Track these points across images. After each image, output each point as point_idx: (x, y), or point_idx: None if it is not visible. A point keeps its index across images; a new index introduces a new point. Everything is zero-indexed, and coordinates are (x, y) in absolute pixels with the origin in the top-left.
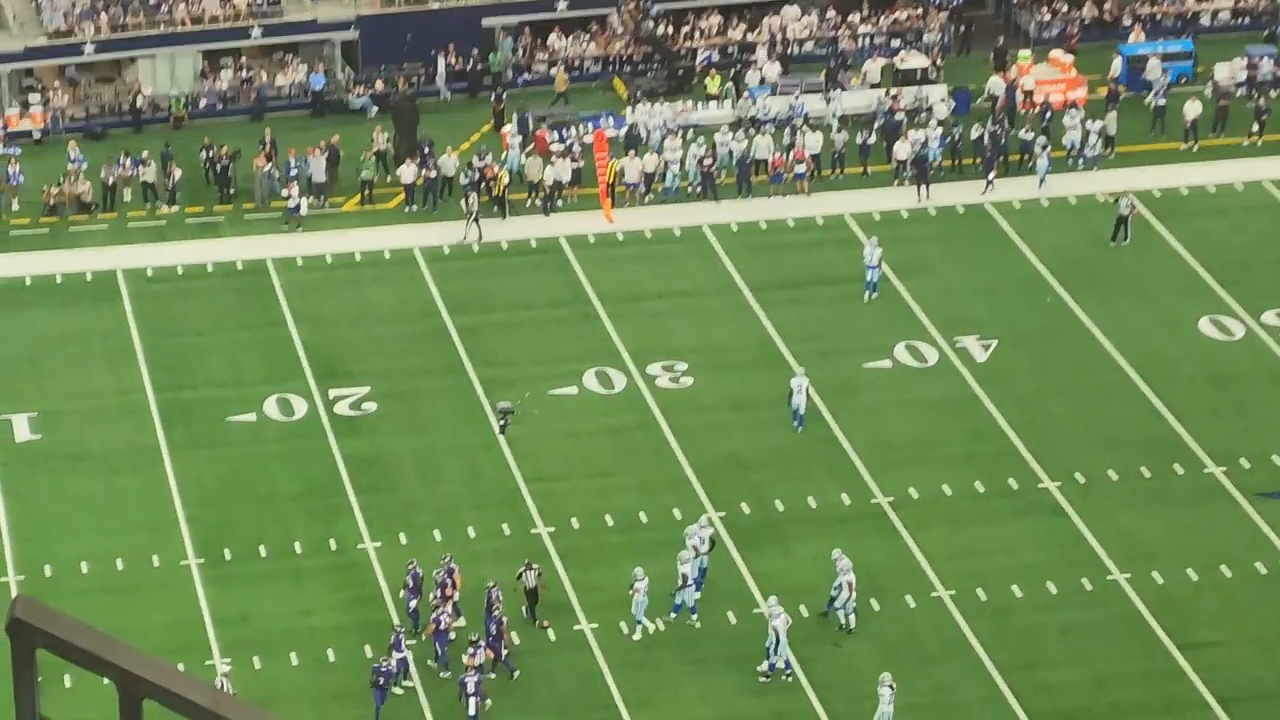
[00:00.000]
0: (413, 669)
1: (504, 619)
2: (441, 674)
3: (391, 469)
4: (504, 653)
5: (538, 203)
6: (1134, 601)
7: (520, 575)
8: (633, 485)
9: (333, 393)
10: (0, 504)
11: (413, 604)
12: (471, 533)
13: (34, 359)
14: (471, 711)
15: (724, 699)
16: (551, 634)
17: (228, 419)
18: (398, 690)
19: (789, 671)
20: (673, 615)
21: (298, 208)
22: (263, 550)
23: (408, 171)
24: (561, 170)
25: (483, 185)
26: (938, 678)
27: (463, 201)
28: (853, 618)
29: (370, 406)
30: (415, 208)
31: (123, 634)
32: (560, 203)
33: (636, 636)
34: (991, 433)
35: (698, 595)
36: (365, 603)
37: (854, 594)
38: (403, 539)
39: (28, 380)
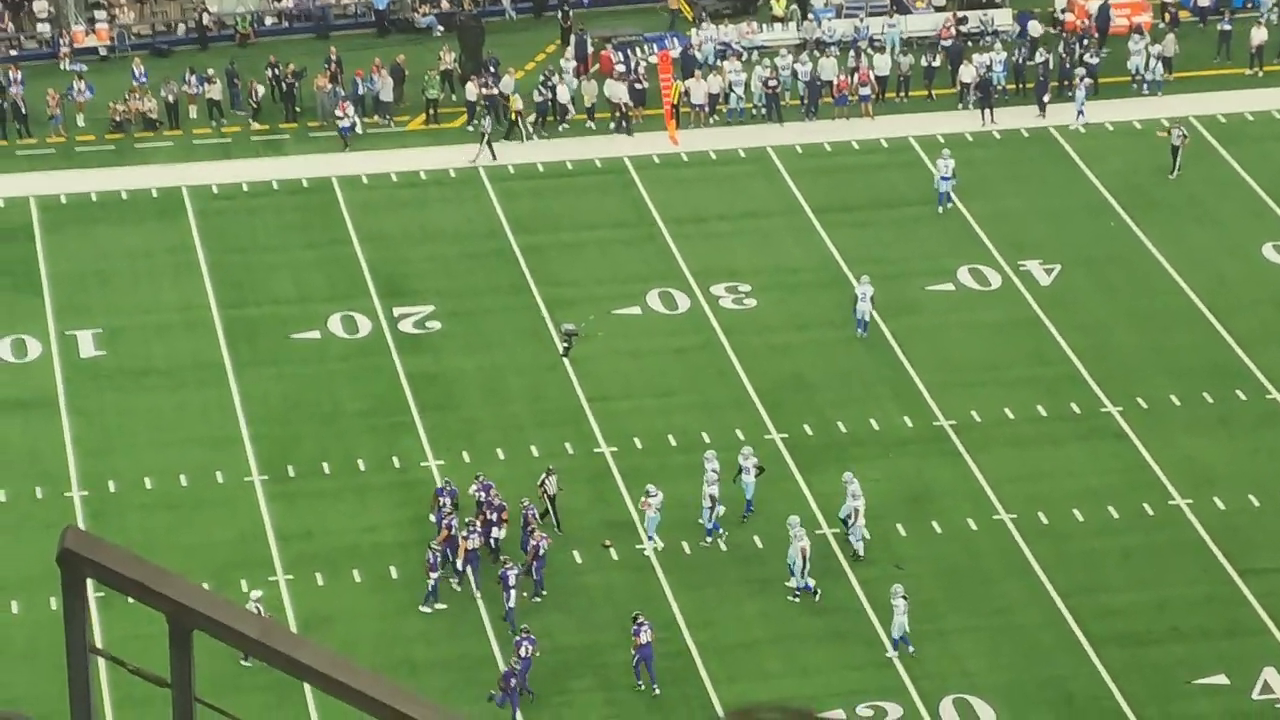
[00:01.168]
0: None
1: (543, 540)
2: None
3: (455, 387)
4: (540, 572)
5: (591, 125)
6: (1195, 527)
7: (541, 482)
8: (695, 405)
9: (397, 311)
10: (65, 420)
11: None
12: (534, 451)
13: (99, 275)
14: (511, 604)
15: (784, 619)
16: (614, 553)
17: (292, 336)
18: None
19: (818, 593)
20: (708, 538)
21: (351, 127)
22: (326, 467)
23: (471, 90)
24: (623, 90)
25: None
26: (998, 600)
27: (476, 122)
28: (860, 545)
29: (434, 325)
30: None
31: (186, 550)
32: (625, 123)
33: (649, 550)
34: (1054, 357)
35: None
36: (428, 520)
37: (862, 519)
38: (466, 457)
39: (93, 296)
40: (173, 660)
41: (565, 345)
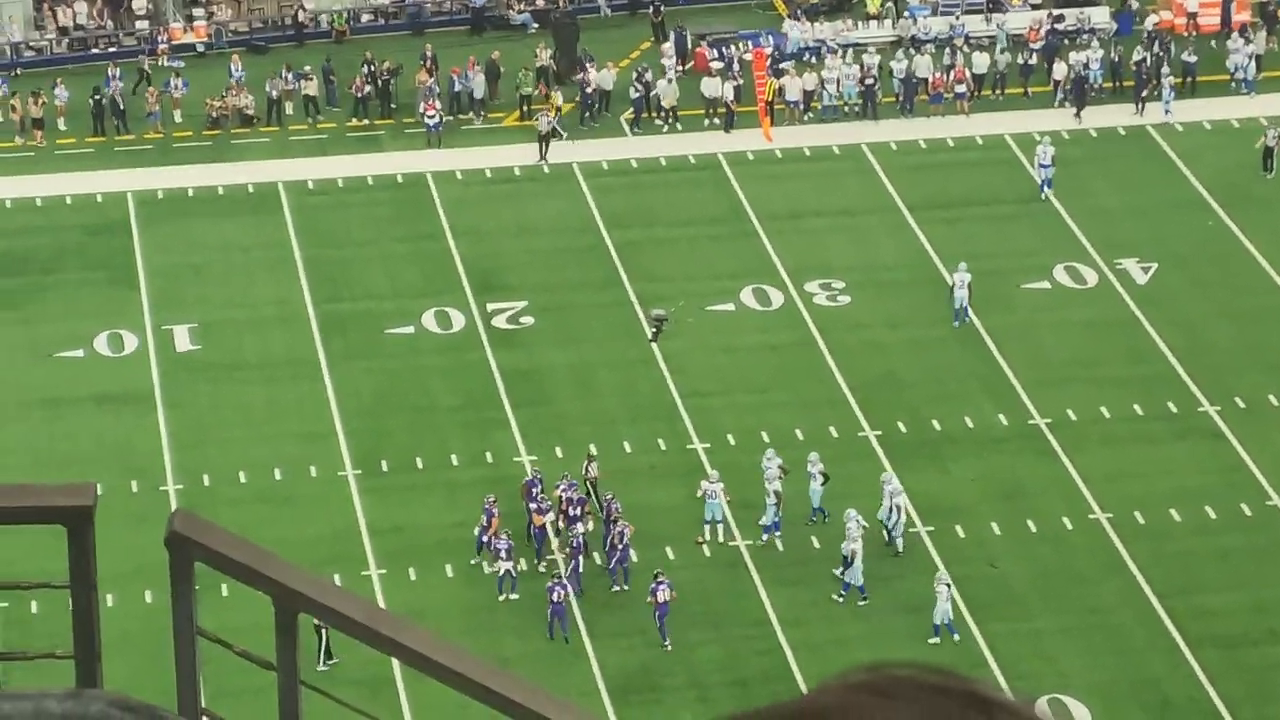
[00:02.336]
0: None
1: (626, 529)
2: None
3: (547, 382)
4: (622, 564)
5: (677, 125)
6: None
7: (585, 467)
8: (789, 402)
9: (490, 306)
10: (160, 413)
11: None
12: (627, 447)
13: (195, 270)
14: (580, 569)
15: (877, 617)
16: (706, 550)
17: (385, 331)
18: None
19: (864, 595)
20: (765, 535)
21: (439, 124)
22: (419, 462)
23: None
24: (728, 88)
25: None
26: (1093, 600)
27: (538, 119)
28: (900, 540)
29: (527, 320)
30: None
31: (279, 544)
32: (717, 120)
33: (705, 539)
34: (1151, 355)
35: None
36: (521, 515)
37: (903, 516)
38: (558, 452)
39: (189, 291)
40: (278, 644)
41: (654, 331)
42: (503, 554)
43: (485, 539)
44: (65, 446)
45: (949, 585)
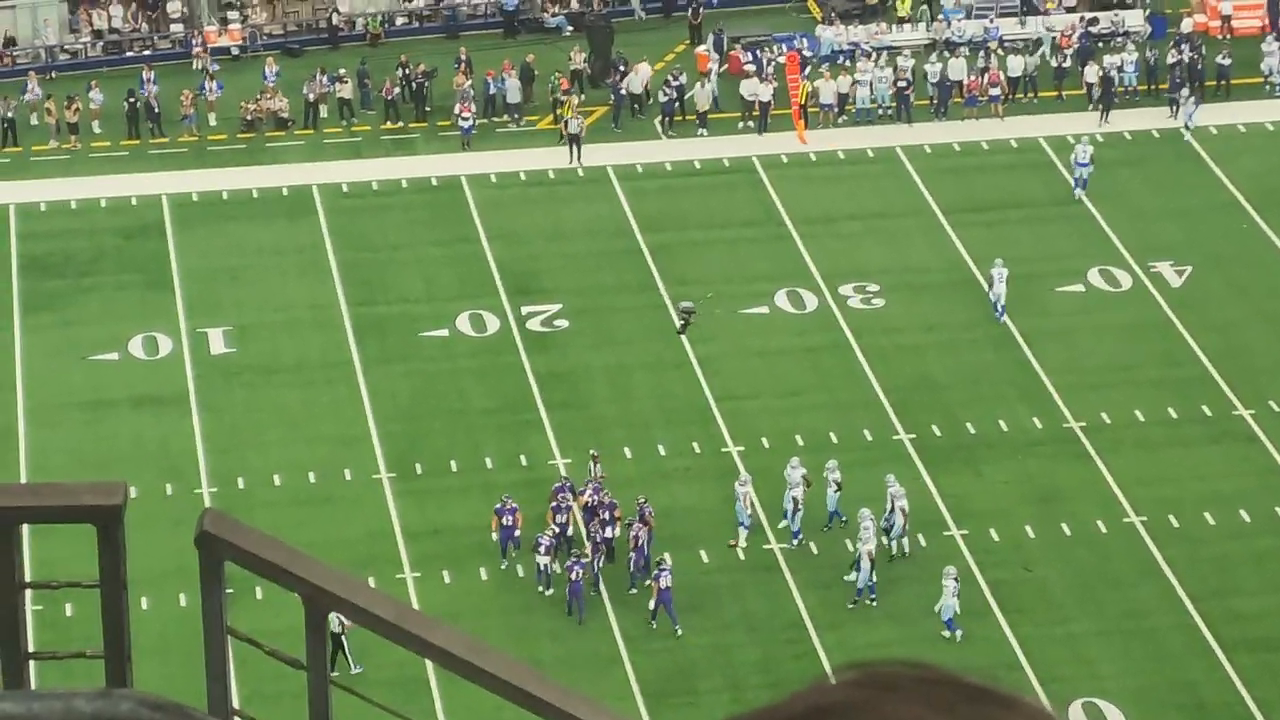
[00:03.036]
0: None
1: (641, 531)
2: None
3: (582, 385)
4: (642, 567)
5: (702, 130)
6: None
7: (590, 469)
8: (824, 405)
9: (525, 309)
10: (195, 416)
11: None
12: (661, 450)
13: (229, 273)
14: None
15: (912, 619)
16: (741, 553)
17: (420, 334)
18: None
19: (873, 597)
20: (794, 540)
21: (471, 127)
22: (454, 465)
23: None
24: (765, 89)
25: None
26: (1129, 603)
27: (567, 123)
28: (902, 542)
29: (562, 323)
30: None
31: (313, 546)
32: (752, 123)
33: (742, 544)
34: (1185, 358)
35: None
36: (551, 517)
37: (908, 520)
38: (593, 455)
39: (223, 294)
40: (308, 643)
41: (682, 323)
42: (542, 549)
43: (510, 536)
44: (102, 448)
45: (956, 580)
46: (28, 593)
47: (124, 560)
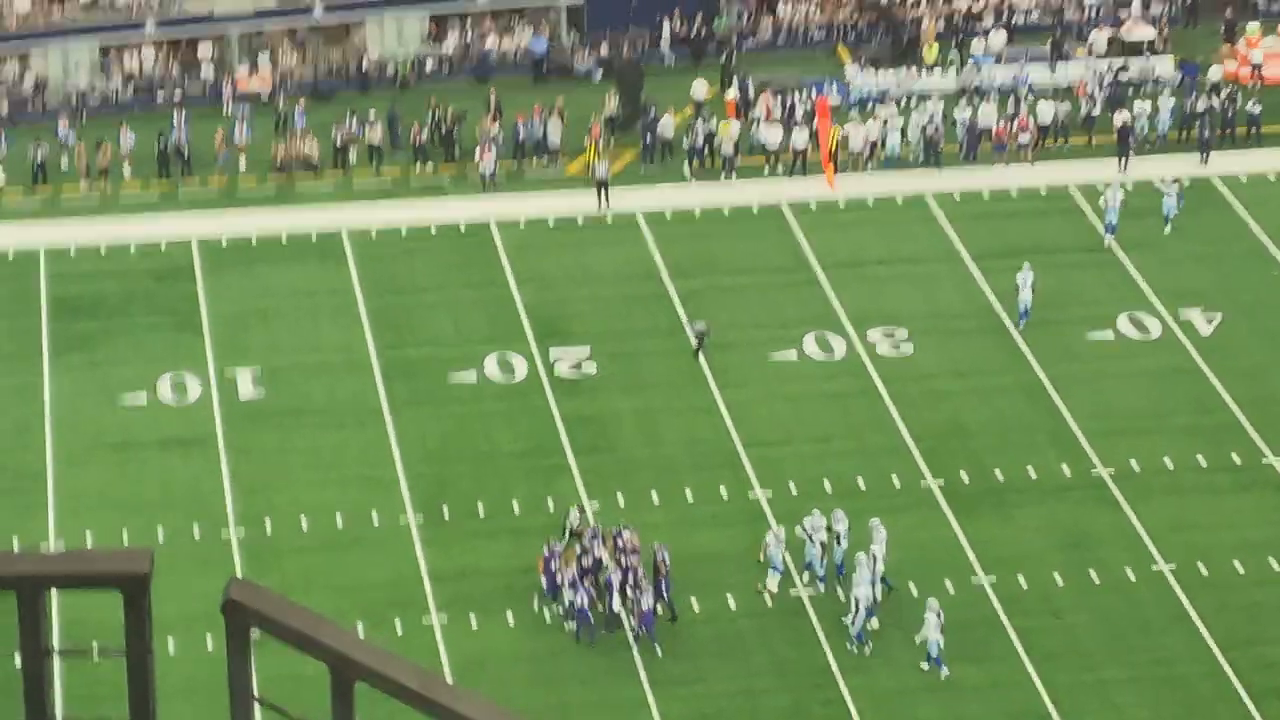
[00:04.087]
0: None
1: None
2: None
3: (610, 430)
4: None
5: (729, 176)
6: None
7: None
8: (852, 451)
9: (553, 353)
10: (223, 458)
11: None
12: (689, 495)
13: (259, 316)
14: (615, 607)
15: (938, 666)
16: (768, 598)
17: (449, 377)
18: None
19: (864, 642)
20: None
21: (493, 173)
22: (481, 509)
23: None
24: (772, 135)
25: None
26: (1158, 651)
27: (591, 167)
28: (863, 590)
29: (590, 367)
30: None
31: (340, 590)
32: (779, 169)
33: (774, 589)
34: (1215, 406)
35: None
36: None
37: (880, 565)
38: (620, 500)
39: (253, 337)
40: (334, 710)
41: (697, 344)
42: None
43: (558, 581)
44: (131, 490)
45: (939, 614)
46: (56, 656)
47: (149, 627)
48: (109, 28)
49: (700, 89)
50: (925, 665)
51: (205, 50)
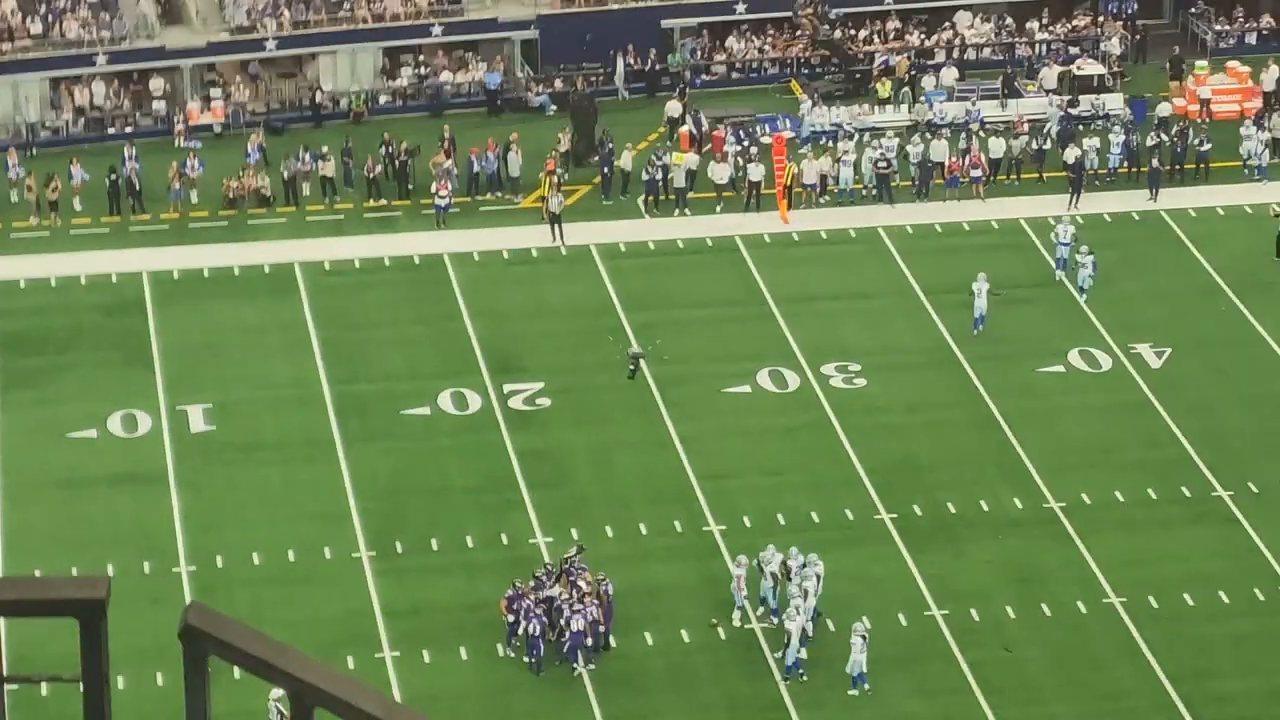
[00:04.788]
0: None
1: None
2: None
3: (564, 464)
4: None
5: (687, 211)
6: None
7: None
8: (805, 484)
9: (507, 387)
10: (174, 494)
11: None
12: (643, 529)
13: (210, 350)
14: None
15: (893, 700)
16: (722, 632)
17: (402, 412)
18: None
19: (801, 673)
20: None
21: (447, 206)
22: (434, 543)
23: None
24: (720, 171)
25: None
26: (1108, 685)
27: (547, 201)
28: (796, 623)
29: (544, 401)
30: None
31: (293, 625)
32: (720, 206)
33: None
34: (1165, 440)
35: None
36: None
37: (809, 601)
38: (574, 534)
39: (204, 371)
40: None
41: (631, 369)
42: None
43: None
44: (80, 527)
45: (864, 637)
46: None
47: (106, 654)
48: (59, 61)
49: (674, 108)
50: (853, 690)
51: (157, 84)
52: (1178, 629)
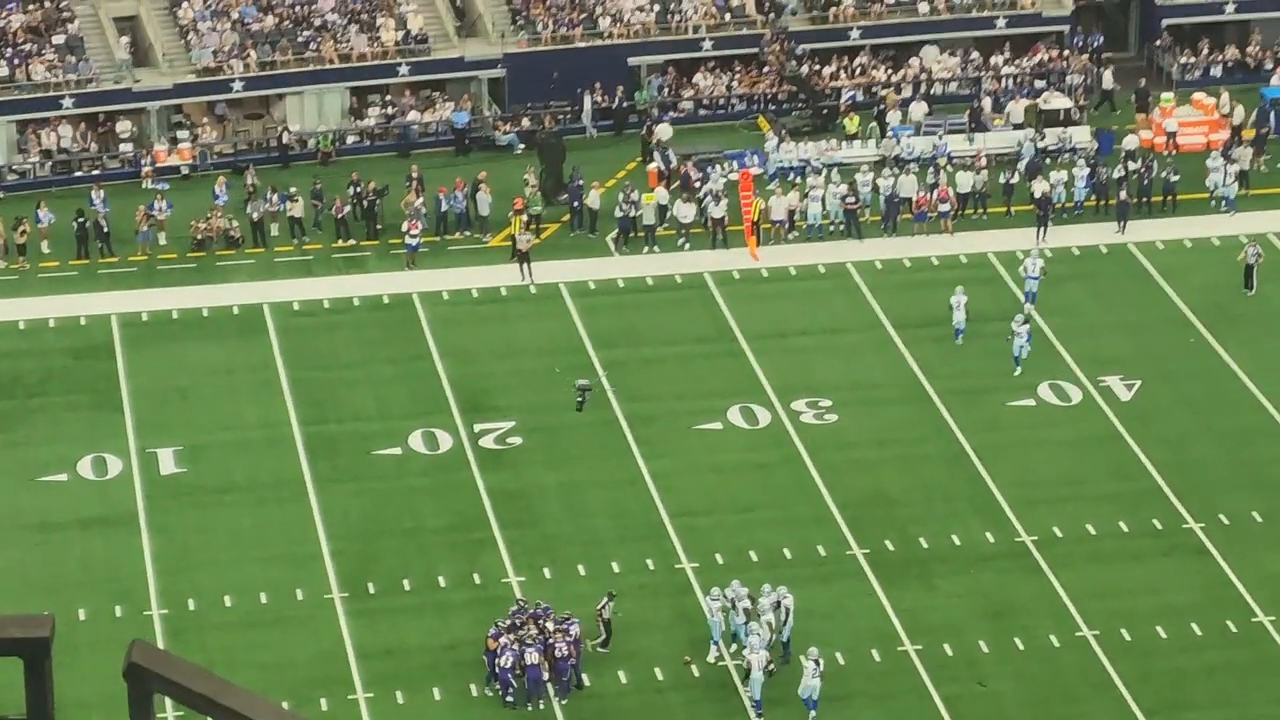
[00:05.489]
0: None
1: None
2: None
3: (536, 503)
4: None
5: (655, 247)
6: (1279, 644)
7: (600, 608)
8: (777, 520)
9: (477, 426)
10: (145, 537)
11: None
12: (615, 567)
13: (180, 392)
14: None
15: None
16: (695, 669)
17: (373, 452)
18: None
19: (759, 710)
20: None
21: (417, 245)
22: (407, 584)
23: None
24: (685, 208)
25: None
26: (1082, 717)
27: (515, 240)
28: (758, 655)
29: (515, 440)
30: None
31: (265, 668)
32: (686, 243)
33: (711, 659)
34: (1136, 472)
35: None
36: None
37: (772, 636)
38: (547, 573)
39: (174, 413)
40: None
41: (580, 400)
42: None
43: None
44: (51, 571)
45: (818, 663)
46: None
47: (51, 694)
48: (26, 104)
49: (665, 131)
50: (813, 714)
51: (124, 126)
52: (1151, 661)
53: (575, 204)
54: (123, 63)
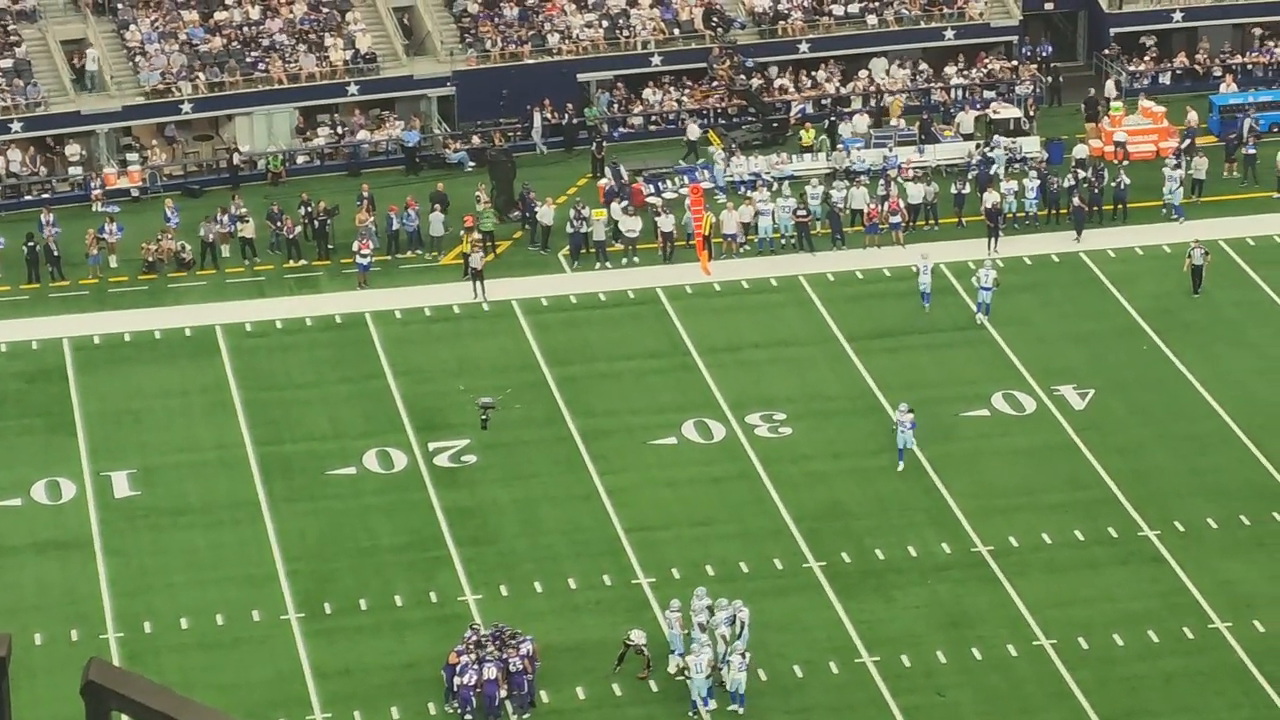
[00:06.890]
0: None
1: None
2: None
3: (492, 520)
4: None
5: (604, 265)
6: (1236, 650)
7: (637, 645)
8: (733, 534)
9: (432, 445)
10: (100, 560)
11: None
12: (572, 583)
13: (133, 415)
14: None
15: None
16: (653, 684)
17: (327, 472)
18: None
19: (694, 711)
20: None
21: (368, 265)
22: (363, 603)
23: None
24: (632, 223)
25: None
26: None
27: (468, 258)
28: (702, 656)
29: (470, 458)
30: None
31: (222, 690)
32: (637, 259)
33: (671, 670)
34: (1090, 481)
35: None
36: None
37: (726, 648)
38: (504, 590)
39: (127, 436)
40: None
41: (483, 419)
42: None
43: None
44: (5, 595)
45: (744, 656)
46: None
47: (8, 712)
48: None
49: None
50: (733, 705)
51: (73, 149)
52: (1108, 670)
53: (527, 218)
54: (90, 74)
